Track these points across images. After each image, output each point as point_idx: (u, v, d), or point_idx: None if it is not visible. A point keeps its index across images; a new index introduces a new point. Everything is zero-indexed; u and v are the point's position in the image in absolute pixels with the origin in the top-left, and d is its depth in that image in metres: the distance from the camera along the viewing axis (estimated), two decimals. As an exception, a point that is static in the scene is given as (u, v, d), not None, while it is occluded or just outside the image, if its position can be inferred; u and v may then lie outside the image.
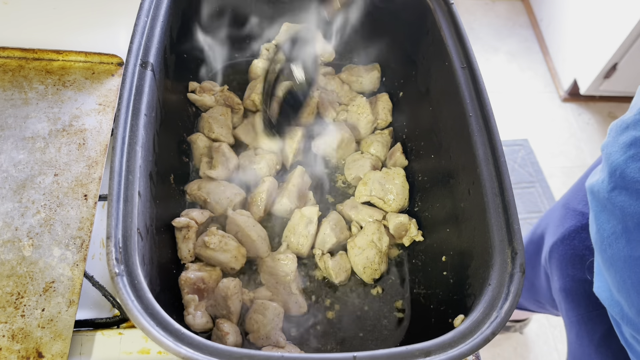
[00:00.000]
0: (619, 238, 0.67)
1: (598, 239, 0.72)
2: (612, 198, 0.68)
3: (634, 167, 0.64)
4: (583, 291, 0.91)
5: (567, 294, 0.95)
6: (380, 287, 0.87)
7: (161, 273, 0.71)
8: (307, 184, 0.94)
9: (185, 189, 0.89)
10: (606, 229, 0.70)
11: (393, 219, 0.89)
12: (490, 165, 0.71)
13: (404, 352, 0.55)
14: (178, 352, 0.53)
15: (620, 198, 0.67)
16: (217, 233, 0.80)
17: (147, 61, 0.74)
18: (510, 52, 2.63)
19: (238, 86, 1.06)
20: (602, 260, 0.72)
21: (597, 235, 0.73)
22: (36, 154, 0.86)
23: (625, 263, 0.66)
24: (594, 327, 0.88)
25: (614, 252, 0.68)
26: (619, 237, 0.67)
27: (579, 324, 0.92)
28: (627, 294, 0.67)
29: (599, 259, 0.73)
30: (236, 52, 1.08)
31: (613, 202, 0.67)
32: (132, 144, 0.67)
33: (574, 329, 0.94)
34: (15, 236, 0.78)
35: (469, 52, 0.81)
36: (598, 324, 0.87)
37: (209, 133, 0.94)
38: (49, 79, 0.95)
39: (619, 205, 0.67)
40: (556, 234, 1.01)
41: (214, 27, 1.00)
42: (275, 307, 0.77)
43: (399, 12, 0.98)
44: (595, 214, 0.74)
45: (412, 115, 0.99)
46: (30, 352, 0.69)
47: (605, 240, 0.70)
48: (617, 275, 0.68)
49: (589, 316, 0.90)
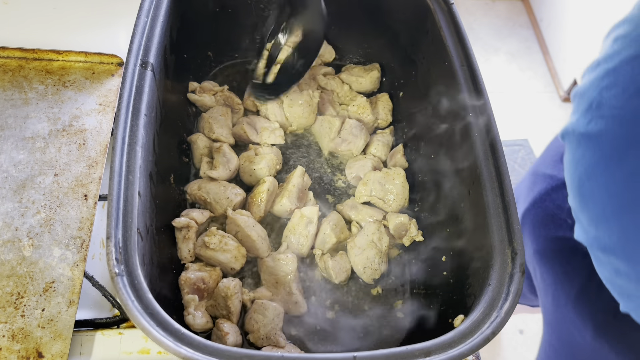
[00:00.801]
0: (596, 167, 0.69)
1: (575, 177, 0.74)
2: (588, 131, 0.69)
3: (608, 95, 0.66)
4: (557, 249, 0.93)
5: (541, 255, 0.97)
6: (380, 287, 0.87)
7: (161, 273, 0.71)
8: (307, 184, 0.94)
9: (186, 189, 0.89)
10: (583, 163, 0.71)
11: (393, 219, 0.89)
12: (490, 165, 0.71)
13: (404, 352, 0.55)
14: (178, 352, 0.53)
15: (597, 127, 0.68)
16: (217, 233, 0.80)
17: (147, 61, 0.74)
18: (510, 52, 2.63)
19: (238, 86, 1.06)
20: (580, 199, 0.73)
21: (574, 174, 0.74)
22: (36, 154, 0.86)
23: (604, 192, 0.67)
24: (570, 283, 0.89)
25: (592, 184, 0.69)
26: (596, 166, 0.68)
27: (555, 283, 0.93)
28: (607, 224, 0.68)
29: (577, 201, 0.75)
30: (236, 52, 1.08)
31: (589, 135, 0.69)
32: (132, 144, 0.67)
33: (550, 292, 0.95)
34: (15, 236, 0.78)
35: (469, 52, 0.81)
36: (573, 279, 0.88)
37: (209, 133, 0.94)
38: (49, 79, 0.95)
39: (595, 135, 0.68)
40: (527, 201, 1.03)
41: (214, 27, 1.00)
42: (275, 307, 0.77)
43: (399, 12, 0.98)
44: (571, 155, 0.75)
45: (412, 115, 0.99)
46: (30, 352, 0.69)
47: (583, 175, 0.71)
48: (597, 207, 0.69)
49: (564, 272, 0.91)
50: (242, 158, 0.94)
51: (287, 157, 1.00)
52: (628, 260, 0.67)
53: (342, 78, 1.07)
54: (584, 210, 0.73)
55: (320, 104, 1.02)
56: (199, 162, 0.93)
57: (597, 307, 0.83)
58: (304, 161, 1.00)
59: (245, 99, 1.02)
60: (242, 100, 1.02)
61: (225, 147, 0.92)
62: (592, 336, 0.85)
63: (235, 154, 0.93)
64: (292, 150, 1.01)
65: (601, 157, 0.68)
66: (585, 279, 0.86)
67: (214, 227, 0.82)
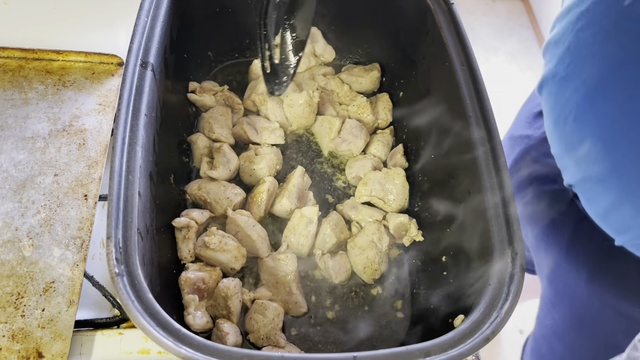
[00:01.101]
0: (582, 105, 0.71)
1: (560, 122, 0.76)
2: (569, 73, 0.72)
3: (585, 35, 0.69)
4: (544, 201, 0.94)
5: (528, 211, 0.99)
6: (380, 287, 0.87)
7: (161, 273, 0.71)
8: (307, 184, 0.94)
9: (186, 189, 0.89)
10: (568, 106, 0.74)
11: (393, 219, 0.89)
12: (490, 165, 0.71)
13: (404, 352, 0.55)
14: (178, 352, 0.53)
15: (578, 67, 0.70)
16: (217, 233, 0.80)
17: (147, 61, 0.74)
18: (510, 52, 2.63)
19: (238, 86, 1.06)
20: (567, 142, 0.76)
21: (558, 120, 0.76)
22: (36, 154, 0.86)
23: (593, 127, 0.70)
24: (560, 232, 0.91)
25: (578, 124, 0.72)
26: (583, 104, 0.71)
27: (545, 234, 0.95)
28: (599, 158, 0.70)
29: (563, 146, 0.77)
30: (236, 52, 1.08)
31: (571, 76, 0.72)
32: (132, 144, 0.67)
33: (542, 246, 0.97)
34: (16, 236, 0.78)
35: (469, 52, 0.81)
36: (563, 228, 0.90)
37: (209, 133, 0.94)
38: (49, 79, 0.95)
39: (577, 75, 0.71)
40: (508, 165, 1.06)
41: (214, 27, 1.00)
42: (275, 307, 0.77)
43: (399, 12, 0.98)
44: (552, 102, 0.77)
45: (412, 116, 0.99)
46: (30, 352, 0.69)
47: (569, 117, 0.73)
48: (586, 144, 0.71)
49: (552, 223, 0.93)
50: (242, 158, 0.94)
51: (287, 157, 1.00)
52: (623, 187, 0.69)
53: (342, 78, 1.07)
54: (571, 152, 0.75)
55: (320, 104, 1.02)
56: (199, 163, 0.93)
57: (589, 252, 0.85)
58: (304, 161, 1.00)
59: (245, 98, 1.02)
60: (242, 100, 1.02)
61: (226, 147, 0.92)
62: (587, 280, 0.86)
63: (235, 154, 0.93)
64: (292, 150, 1.01)
65: (586, 94, 0.70)
66: (575, 225, 0.87)
67: (214, 227, 0.82)
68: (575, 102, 0.72)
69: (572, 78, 0.72)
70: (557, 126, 0.77)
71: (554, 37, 0.76)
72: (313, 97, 1.00)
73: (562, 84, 0.74)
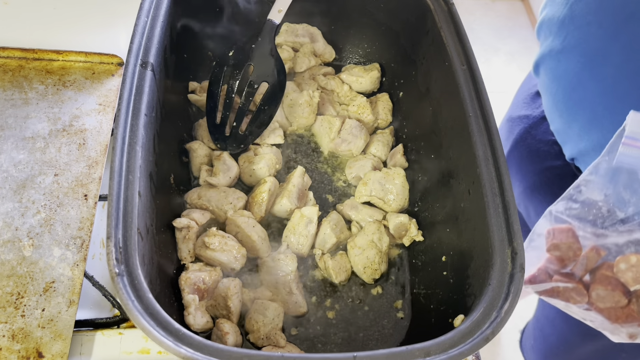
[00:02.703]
0: (582, 74, 0.72)
1: (559, 95, 0.77)
2: (566, 45, 0.74)
3: (579, 7, 0.71)
4: (545, 180, 0.95)
5: (531, 190, 0.99)
6: (380, 287, 0.87)
7: (161, 273, 0.71)
8: (307, 184, 0.94)
9: (185, 198, 0.88)
10: (566, 77, 0.75)
11: (393, 219, 0.89)
12: (490, 165, 0.71)
13: (404, 352, 0.55)
14: (178, 352, 0.53)
15: (574, 39, 0.72)
16: (217, 234, 0.80)
17: (147, 61, 0.74)
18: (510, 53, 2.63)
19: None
20: (568, 114, 0.77)
21: (557, 93, 0.78)
22: (36, 154, 0.86)
23: (595, 93, 0.71)
24: None
25: (579, 93, 0.74)
26: (582, 72, 0.72)
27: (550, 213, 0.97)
28: (602, 124, 0.72)
29: (563, 119, 0.78)
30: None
31: (568, 48, 0.74)
32: (132, 144, 0.67)
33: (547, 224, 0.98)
34: (16, 236, 0.78)
35: (469, 52, 0.81)
36: None
37: (208, 142, 0.93)
38: (49, 79, 0.95)
39: (574, 46, 0.72)
40: (508, 145, 1.06)
41: (214, 27, 1.00)
42: (275, 307, 0.77)
43: (399, 12, 0.98)
44: (550, 76, 0.78)
45: (412, 115, 0.99)
46: (31, 352, 0.69)
47: (568, 88, 0.75)
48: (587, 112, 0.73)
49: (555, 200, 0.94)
50: (241, 159, 0.93)
51: (287, 157, 1.00)
52: None
53: (342, 78, 1.07)
54: (572, 123, 0.76)
55: (320, 104, 1.02)
56: (198, 171, 0.92)
57: None
58: (304, 161, 1.00)
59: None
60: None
61: (225, 155, 0.91)
62: None
63: (235, 162, 0.92)
64: (292, 150, 1.01)
65: (585, 63, 0.72)
66: None
67: (214, 228, 0.82)
68: (574, 72, 0.73)
69: (569, 50, 0.73)
70: (556, 100, 0.78)
71: (546, 15, 0.78)
72: (313, 97, 1.00)
73: (559, 57, 0.76)
